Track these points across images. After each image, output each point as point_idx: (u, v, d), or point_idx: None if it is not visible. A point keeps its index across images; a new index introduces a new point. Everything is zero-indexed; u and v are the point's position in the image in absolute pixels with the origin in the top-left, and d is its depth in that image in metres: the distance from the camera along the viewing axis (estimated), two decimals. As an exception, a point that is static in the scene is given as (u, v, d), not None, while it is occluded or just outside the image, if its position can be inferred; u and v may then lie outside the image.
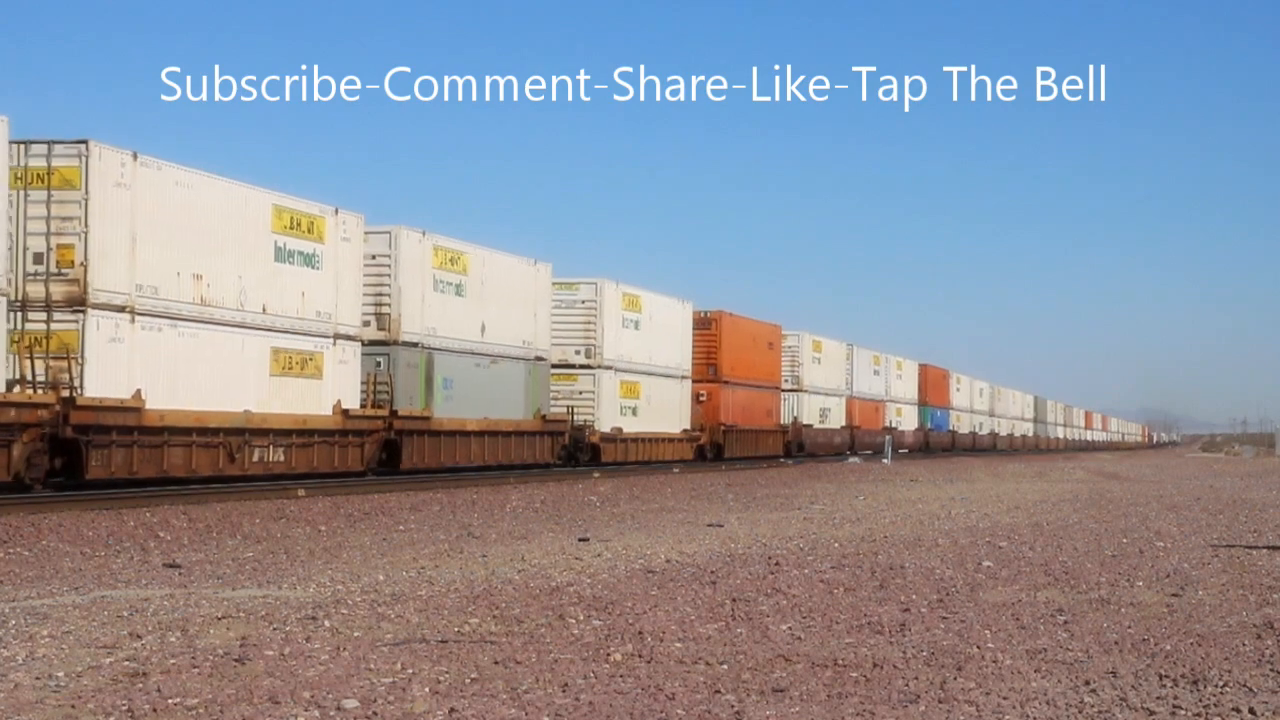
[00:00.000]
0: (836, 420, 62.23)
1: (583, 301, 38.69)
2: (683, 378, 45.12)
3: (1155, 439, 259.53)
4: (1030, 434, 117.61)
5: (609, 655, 8.35)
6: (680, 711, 6.86)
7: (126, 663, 7.89)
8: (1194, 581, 12.52)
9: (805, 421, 57.37)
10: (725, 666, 8.08)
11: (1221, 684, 7.66)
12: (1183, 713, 6.96)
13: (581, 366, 38.60)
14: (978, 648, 8.78)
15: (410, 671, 7.76)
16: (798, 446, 56.00)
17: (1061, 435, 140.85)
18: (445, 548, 15.49)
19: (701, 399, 46.23)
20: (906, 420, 75.99)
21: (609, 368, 39.34)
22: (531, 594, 11.06)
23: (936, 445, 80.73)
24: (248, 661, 7.94)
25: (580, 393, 38.46)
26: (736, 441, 48.75)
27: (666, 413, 43.70)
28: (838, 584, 12.01)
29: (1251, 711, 6.96)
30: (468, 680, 7.54)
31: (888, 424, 70.49)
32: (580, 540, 16.40)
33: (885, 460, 57.16)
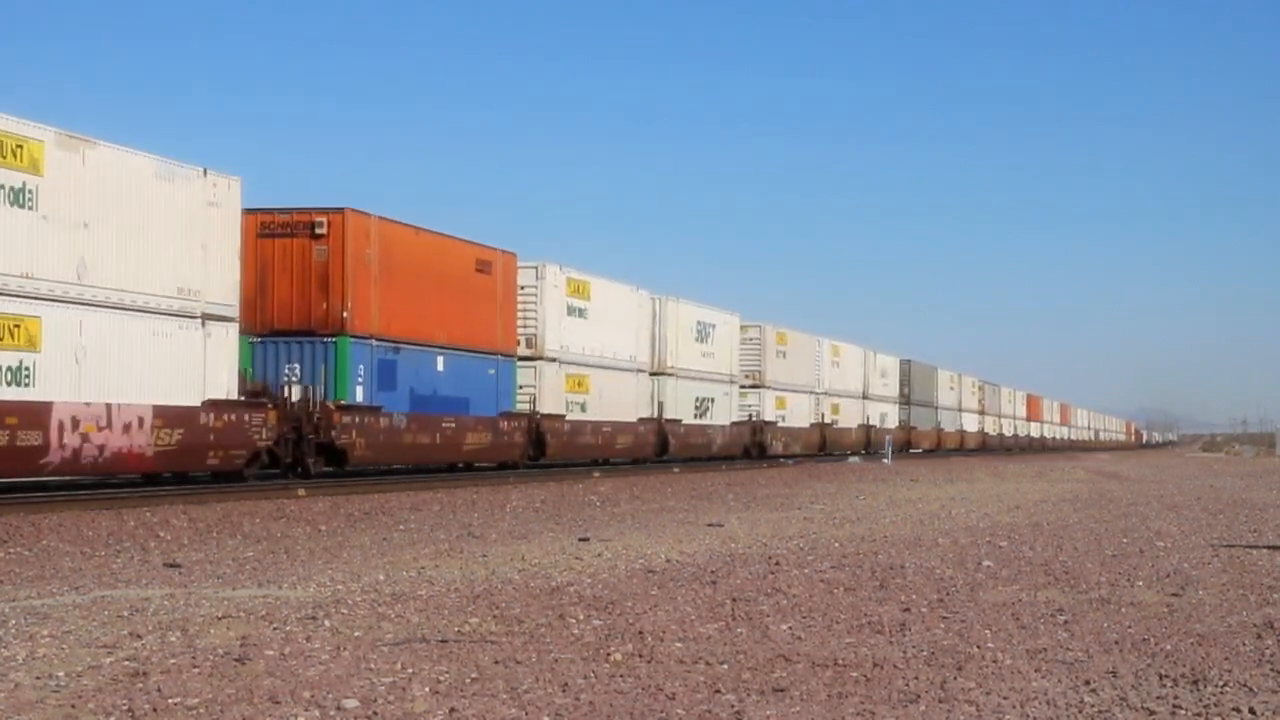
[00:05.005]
0: None
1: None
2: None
3: (1146, 439, 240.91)
4: (894, 422, 72.89)
5: (609, 655, 8.35)
6: (680, 711, 6.86)
7: (126, 662, 7.89)
8: (1194, 581, 12.51)
9: None
10: (725, 666, 8.08)
11: (1222, 684, 7.65)
12: (1183, 713, 6.95)
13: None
14: (978, 647, 8.77)
15: (410, 671, 7.76)
16: None
17: (974, 428, 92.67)
18: (445, 547, 15.49)
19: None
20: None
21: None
22: (531, 594, 11.06)
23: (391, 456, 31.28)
24: (248, 661, 7.94)
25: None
26: None
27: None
28: (838, 584, 12.01)
29: (1251, 711, 6.96)
30: (468, 680, 7.54)
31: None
32: (580, 540, 16.40)
33: (885, 460, 57.15)
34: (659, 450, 42.90)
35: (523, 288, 34.72)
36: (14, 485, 21.27)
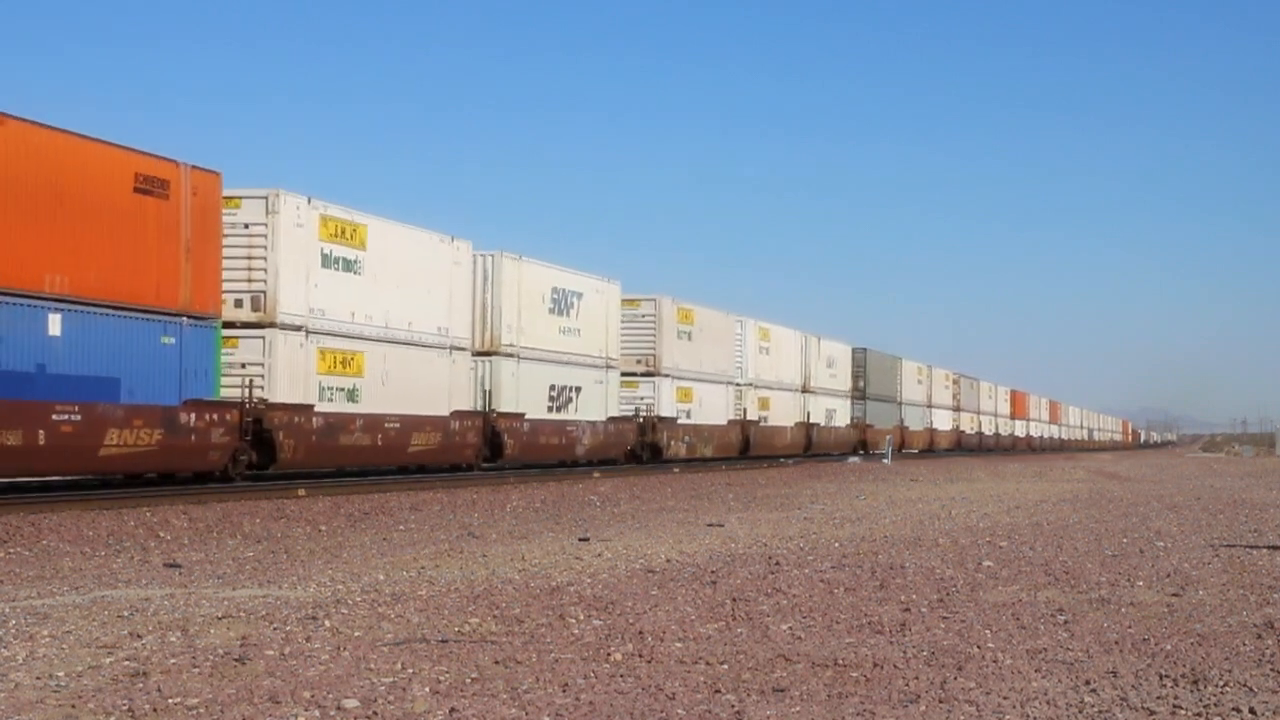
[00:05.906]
0: None
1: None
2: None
3: (1144, 438, 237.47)
4: (845, 420, 62.89)
5: (609, 655, 8.35)
6: (680, 711, 6.86)
7: (126, 663, 7.89)
8: (1194, 581, 12.51)
9: None
10: (725, 666, 8.08)
11: (1222, 684, 7.66)
12: (1183, 713, 6.95)
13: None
14: (978, 647, 8.78)
15: (410, 671, 7.76)
16: None
17: (947, 426, 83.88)
18: (445, 548, 15.49)
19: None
20: None
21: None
22: (532, 594, 11.06)
23: None
24: (248, 661, 7.94)
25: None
26: None
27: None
28: (838, 584, 12.01)
29: (1251, 711, 6.96)
30: (468, 680, 7.55)
31: None
32: (580, 540, 16.40)
33: (885, 460, 57.16)
34: (489, 453, 32.71)
35: (245, 226, 25.01)
36: (14, 485, 21.25)
